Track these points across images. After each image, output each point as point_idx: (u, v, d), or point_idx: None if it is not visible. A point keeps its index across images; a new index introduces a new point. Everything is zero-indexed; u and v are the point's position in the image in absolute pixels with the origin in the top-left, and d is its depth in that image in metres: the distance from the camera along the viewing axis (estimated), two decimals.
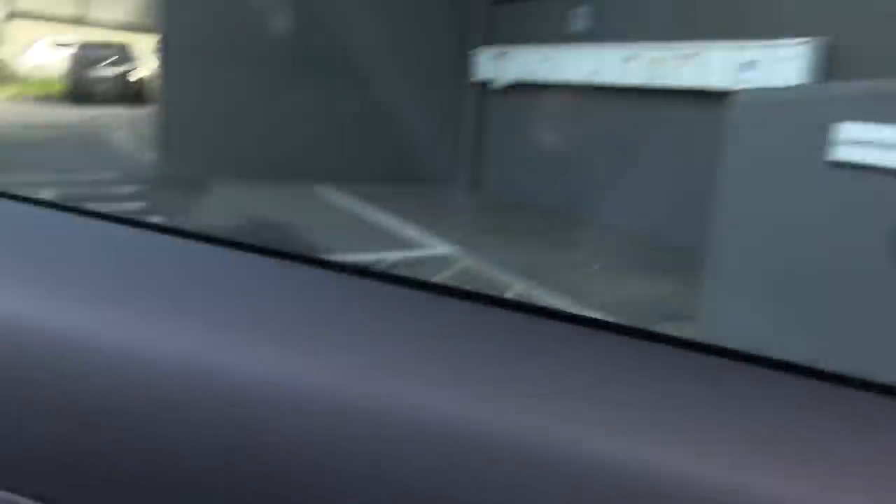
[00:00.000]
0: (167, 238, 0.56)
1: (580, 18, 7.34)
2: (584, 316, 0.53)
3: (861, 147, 2.96)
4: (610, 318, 0.50)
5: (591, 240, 6.51)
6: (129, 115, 15.62)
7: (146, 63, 18.02)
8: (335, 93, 8.32)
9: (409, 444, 0.43)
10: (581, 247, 6.19)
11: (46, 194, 6.79)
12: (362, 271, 0.53)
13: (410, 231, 6.31)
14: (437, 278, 4.95)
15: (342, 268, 0.53)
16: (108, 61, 18.58)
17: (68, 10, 19.10)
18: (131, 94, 18.49)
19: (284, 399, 0.45)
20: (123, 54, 18.92)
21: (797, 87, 3.22)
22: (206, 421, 0.46)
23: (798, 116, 3.19)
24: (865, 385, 0.44)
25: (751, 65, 5.64)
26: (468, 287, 0.52)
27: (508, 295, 4.66)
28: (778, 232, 3.28)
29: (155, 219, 5.91)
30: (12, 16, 20.17)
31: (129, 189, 7.37)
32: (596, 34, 7.16)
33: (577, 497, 0.40)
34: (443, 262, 5.41)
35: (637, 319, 4.30)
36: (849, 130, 2.99)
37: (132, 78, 18.92)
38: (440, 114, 8.92)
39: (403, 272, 3.54)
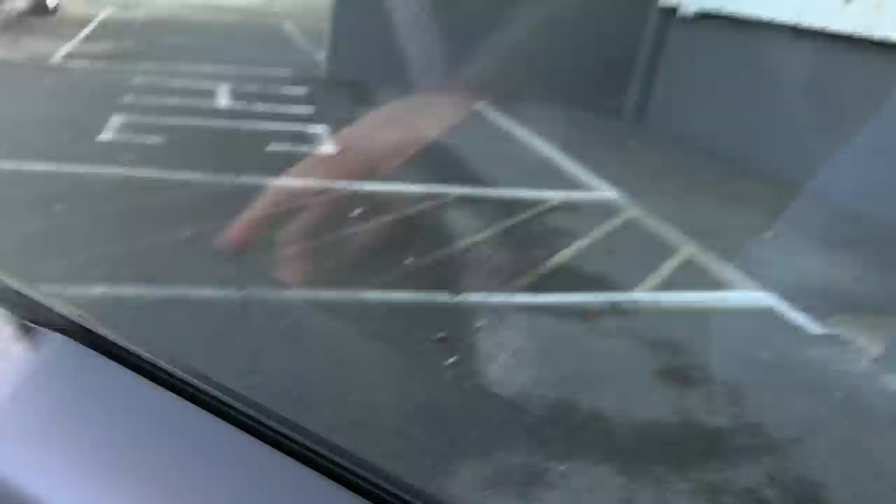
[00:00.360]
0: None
1: None
2: None
3: None
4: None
5: (767, 197, 6.02)
6: (300, 5, 15.82)
7: None
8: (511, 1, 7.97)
9: None
10: (756, 204, 5.74)
11: (223, 90, 7.01)
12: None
13: (573, 167, 6.07)
14: (601, 230, 4.74)
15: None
16: None
17: None
18: None
19: None
20: None
21: None
22: None
23: None
24: None
25: None
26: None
27: (676, 259, 4.40)
28: None
29: (319, 129, 5.99)
30: None
31: (298, 91, 7.50)
32: None
33: None
34: (607, 209, 5.17)
35: (814, 306, 3.96)
36: None
37: None
38: (617, 37, 8.39)
39: (566, 216, 3.38)
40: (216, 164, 4.94)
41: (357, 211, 4.43)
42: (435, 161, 5.76)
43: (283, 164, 5.37)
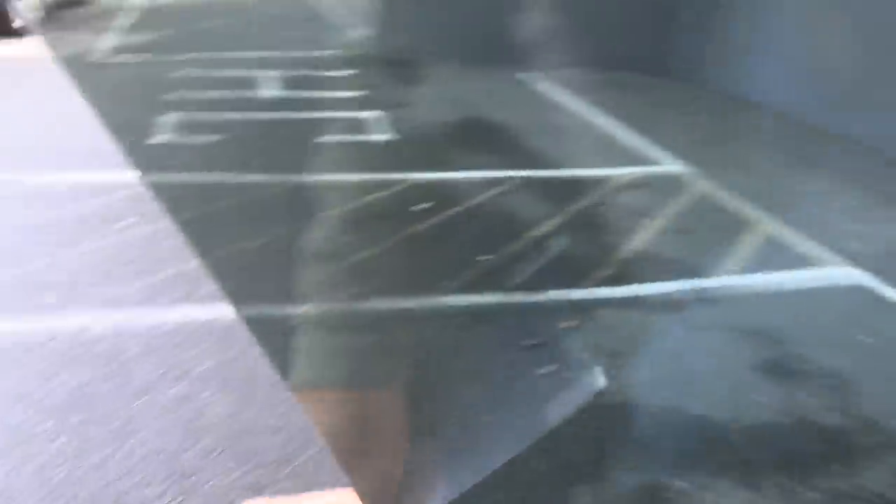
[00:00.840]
0: None
1: None
2: None
3: None
4: None
5: (835, 158, 5.78)
6: None
7: None
8: None
9: None
10: (825, 167, 5.51)
11: (269, 78, 6.90)
12: None
13: (631, 137, 5.87)
14: (673, 208, 4.57)
15: None
16: None
17: None
18: None
19: None
20: None
21: None
22: None
23: None
24: None
25: None
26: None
27: (755, 236, 4.23)
28: None
29: (372, 114, 5.85)
30: None
31: (345, 73, 7.36)
32: None
33: None
34: (675, 183, 4.99)
35: None
36: None
37: None
38: None
39: (635, 195, 3.22)
40: (272, 161, 4.87)
41: (422, 205, 4.33)
42: (492, 142, 5.61)
43: (339, 155, 5.29)
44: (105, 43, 8.50)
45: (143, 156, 4.91)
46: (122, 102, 6.18)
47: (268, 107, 6.16)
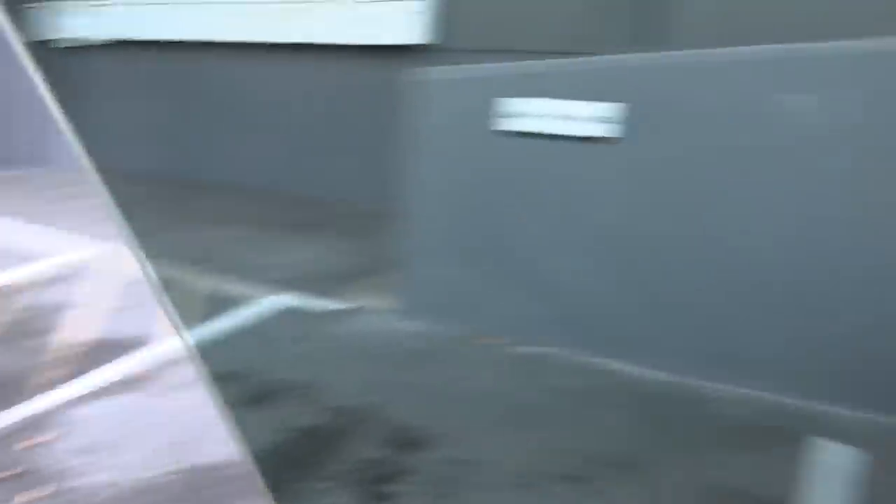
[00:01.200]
0: None
1: None
2: None
3: (520, 118, 3.49)
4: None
5: (225, 204, 6.41)
6: None
7: None
8: None
9: None
10: (239, 219, 6.07)
11: None
12: None
13: (30, 231, 5.48)
14: (103, 289, 4.46)
15: None
16: None
17: None
18: None
19: None
20: None
21: (473, 67, 3.61)
22: None
23: (472, 92, 3.60)
24: None
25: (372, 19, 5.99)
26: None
27: (195, 292, 4.44)
28: (462, 194, 3.73)
29: None
30: None
31: None
32: None
33: None
34: (97, 266, 4.86)
35: (323, 289, 4.51)
36: (509, 104, 3.50)
37: None
38: None
39: (53, 290, 3.24)
40: None
41: None
42: None
43: None
44: None
45: None
46: None
47: None
